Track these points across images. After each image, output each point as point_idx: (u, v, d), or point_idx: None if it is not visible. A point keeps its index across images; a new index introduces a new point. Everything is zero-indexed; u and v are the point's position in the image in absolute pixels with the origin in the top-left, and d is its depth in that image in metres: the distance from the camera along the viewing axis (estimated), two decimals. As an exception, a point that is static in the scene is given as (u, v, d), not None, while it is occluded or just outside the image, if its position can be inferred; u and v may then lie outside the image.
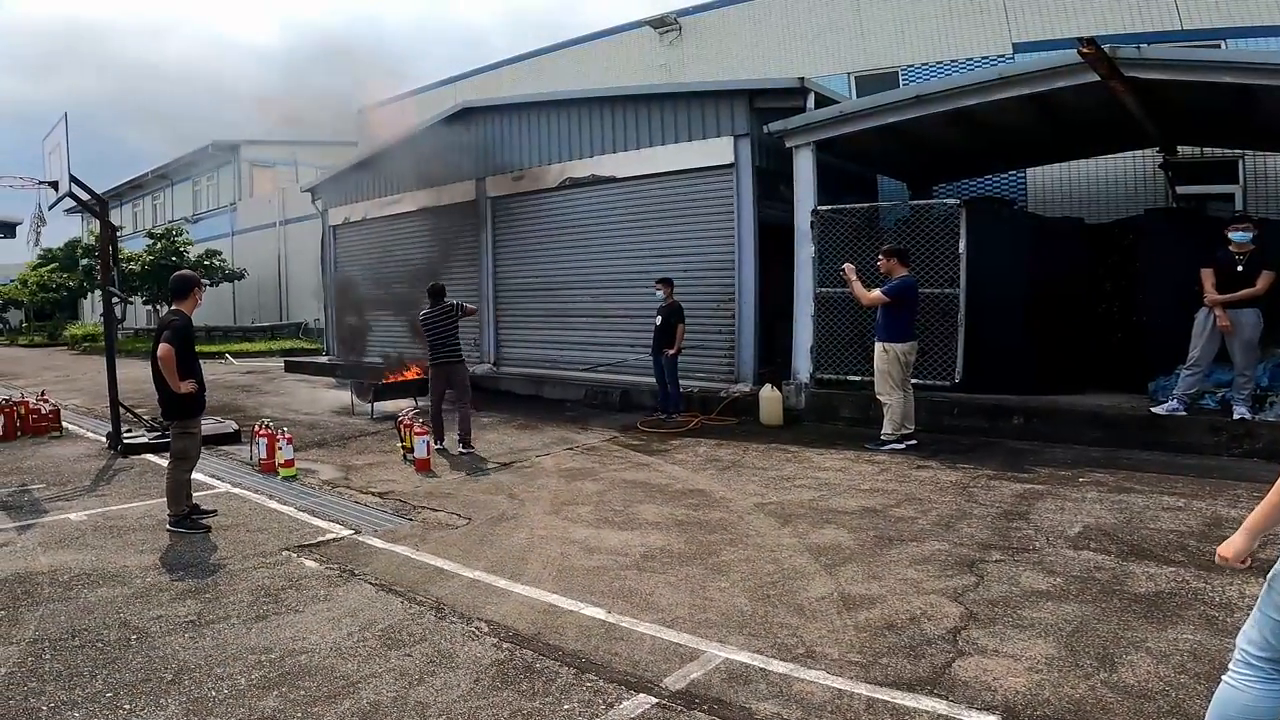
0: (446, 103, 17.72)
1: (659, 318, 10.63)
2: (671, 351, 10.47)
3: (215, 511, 6.40)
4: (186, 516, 6.07)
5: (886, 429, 8.46)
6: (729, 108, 11.58)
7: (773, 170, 11.34)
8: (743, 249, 11.36)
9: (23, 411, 10.30)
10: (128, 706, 3.34)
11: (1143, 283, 9.64)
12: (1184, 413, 8.09)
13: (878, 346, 8.52)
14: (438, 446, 8.76)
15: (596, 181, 13.19)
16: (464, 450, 8.80)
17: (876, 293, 8.45)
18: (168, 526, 6.01)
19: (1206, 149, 12.18)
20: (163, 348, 5.85)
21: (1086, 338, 10.10)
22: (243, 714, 3.27)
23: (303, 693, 3.45)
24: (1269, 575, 2.24)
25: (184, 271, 6.68)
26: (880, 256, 8.69)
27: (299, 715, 3.26)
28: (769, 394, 10.20)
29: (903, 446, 8.31)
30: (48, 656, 3.81)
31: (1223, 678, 2.33)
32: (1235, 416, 7.81)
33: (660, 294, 10.70)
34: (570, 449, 8.99)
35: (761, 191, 11.40)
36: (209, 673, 3.64)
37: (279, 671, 3.65)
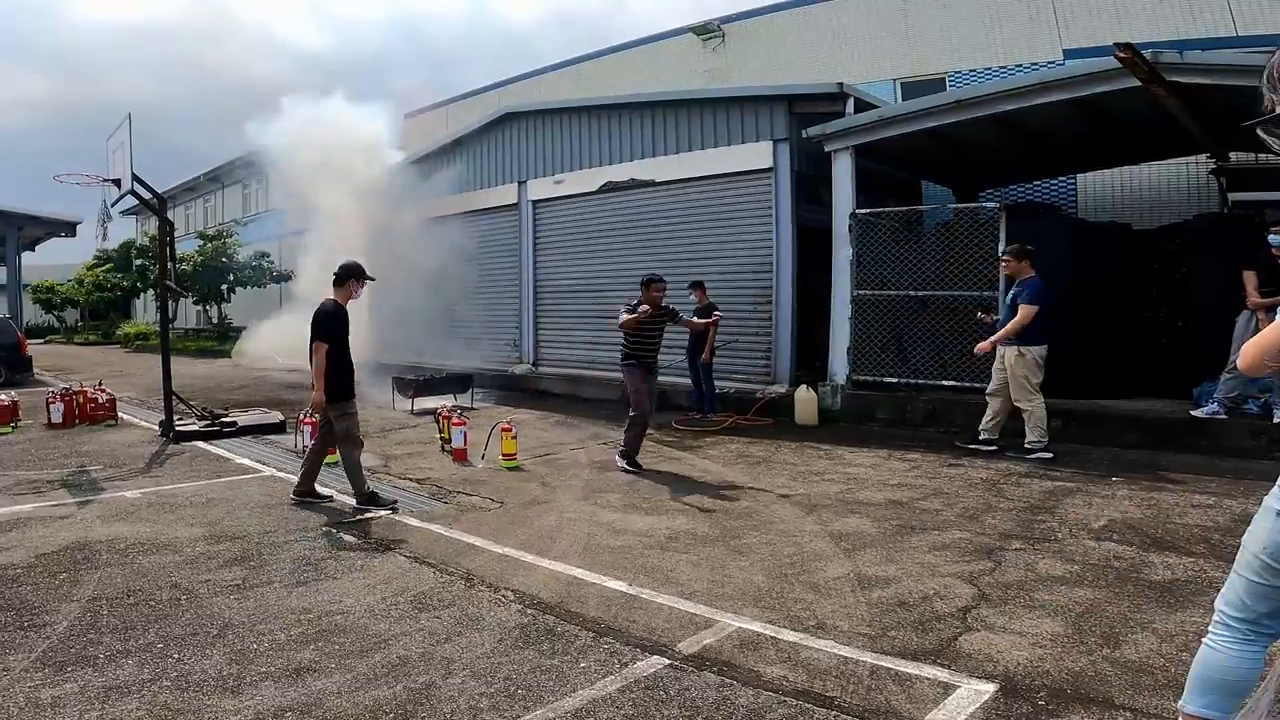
0: (488, 108, 18.06)
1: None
2: (705, 356, 10.63)
3: (330, 497, 6.62)
4: (372, 495, 6.33)
5: (1032, 436, 7.74)
6: (768, 113, 11.68)
7: (812, 174, 11.41)
8: (780, 252, 11.44)
9: (81, 400, 10.79)
10: (176, 656, 3.57)
11: (1189, 287, 9.52)
12: (1224, 416, 7.99)
13: (1010, 351, 7.78)
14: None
15: (636, 185, 13.37)
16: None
17: (1025, 307, 7.63)
18: (355, 505, 6.30)
19: (1261, 155, 11.97)
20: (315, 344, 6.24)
21: (1131, 343, 9.99)
22: (282, 664, 3.48)
23: (337, 647, 3.66)
24: (1243, 538, 2.30)
25: (345, 261, 6.67)
26: (1006, 257, 8.20)
27: (333, 665, 3.47)
28: (804, 394, 10.25)
29: (1051, 456, 7.59)
30: (105, 612, 4.07)
31: (1203, 640, 2.39)
32: (1276, 420, 7.70)
33: (693, 297, 10.78)
34: (604, 444, 9.15)
35: (800, 195, 11.47)
36: (251, 629, 3.87)
37: (316, 629, 3.87)
